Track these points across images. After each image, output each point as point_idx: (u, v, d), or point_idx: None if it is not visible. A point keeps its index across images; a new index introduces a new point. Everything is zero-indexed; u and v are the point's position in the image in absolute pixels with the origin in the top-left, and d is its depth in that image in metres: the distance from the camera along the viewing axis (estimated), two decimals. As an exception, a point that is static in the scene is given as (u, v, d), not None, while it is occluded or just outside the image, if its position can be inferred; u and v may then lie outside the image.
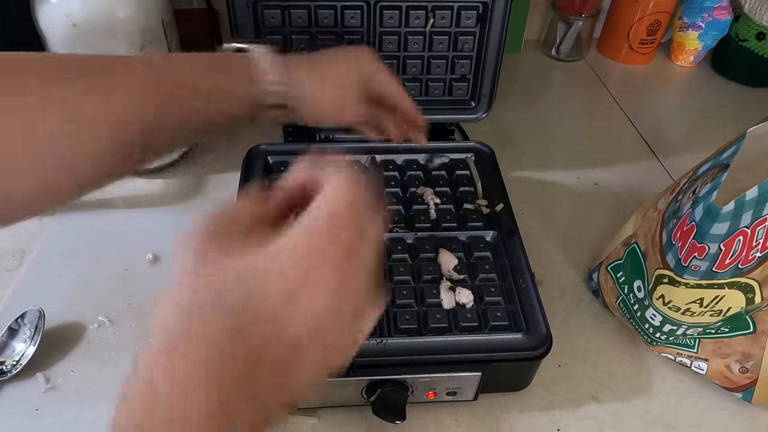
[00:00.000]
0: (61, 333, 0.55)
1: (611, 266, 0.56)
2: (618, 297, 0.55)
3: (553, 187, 0.74)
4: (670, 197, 0.50)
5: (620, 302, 0.55)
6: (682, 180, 0.50)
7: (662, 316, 0.50)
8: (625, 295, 0.54)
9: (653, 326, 0.51)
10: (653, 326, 0.51)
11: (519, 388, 0.53)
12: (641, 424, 0.52)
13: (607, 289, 0.57)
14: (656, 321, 0.51)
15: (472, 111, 0.69)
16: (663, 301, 0.48)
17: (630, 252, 0.53)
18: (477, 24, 0.63)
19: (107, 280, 0.60)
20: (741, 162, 0.42)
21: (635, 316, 0.53)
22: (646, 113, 0.88)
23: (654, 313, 0.50)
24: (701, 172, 0.47)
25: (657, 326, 0.51)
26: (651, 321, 0.51)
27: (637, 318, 0.53)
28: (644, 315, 0.52)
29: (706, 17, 0.92)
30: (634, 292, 0.52)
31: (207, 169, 0.74)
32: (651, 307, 0.50)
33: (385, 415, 0.46)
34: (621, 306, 0.55)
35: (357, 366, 0.47)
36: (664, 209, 0.50)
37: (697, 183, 0.46)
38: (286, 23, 0.61)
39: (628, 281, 0.53)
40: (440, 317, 0.50)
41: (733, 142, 0.44)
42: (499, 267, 0.55)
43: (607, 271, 0.56)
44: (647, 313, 0.51)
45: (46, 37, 0.60)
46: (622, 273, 0.54)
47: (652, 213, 0.52)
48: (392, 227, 0.58)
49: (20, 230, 0.65)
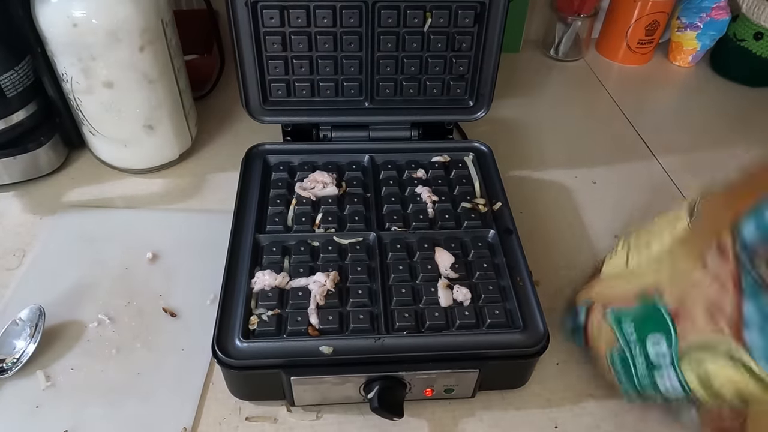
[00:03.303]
0: (61, 331, 0.55)
1: (613, 313, 0.49)
2: (613, 347, 0.49)
3: (552, 187, 0.75)
4: (725, 262, 0.41)
5: (614, 353, 0.49)
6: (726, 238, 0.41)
7: (681, 384, 0.44)
8: (630, 349, 0.47)
9: (655, 387, 0.46)
10: (655, 387, 0.46)
11: (517, 386, 0.53)
12: (640, 422, 0.52)
13: (600, 336, 0.50)
14: (667, 385, 0.45)
15: (471, 110, 0.69)
16: (697, 376, 0.43)
17: (649, 304, 0.46)
18: (475, 24, 0.63)
19: (107, 278, 0.60)
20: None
21: (631, 372, 0.48)
22: (644, 113, 0.88)
23: (671, 376, 0.45)
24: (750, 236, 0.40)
25: (660, 388, 0.46)
26: (658, 383, 0.46)
27: (635, 374, 0.47)
28: (651, 373, 0.46)
29: (704, 17, 0.92)
30: (645, 346, 0.46)
31: (207, 168, 0.74)
32: (672, 369, 0.44)
33: (383, 412, 0.47)
34: (614, 357, 0.49)
35: (355, 363, 0.48)
36: (732, 274, 0.40)
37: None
38: (285, 23, 0.62)
39: (639, 335, 0.47)
40: (438, 315, 0.51)
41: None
42: (497, 265, 0.56)
43: (604, 316, 0.50)
44: (658, 373, 0.45)
45: (46, 37, 0.61)
46: (631, 324, 0.47)
47: (695, 270, 0.43)
48: (390, 226, 0.59)
49: (21, 229, 0.65)
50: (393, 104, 0.69)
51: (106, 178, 0.72)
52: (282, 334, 0.49)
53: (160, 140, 0.70)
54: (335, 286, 0.53)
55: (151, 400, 0.51)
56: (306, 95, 0.67)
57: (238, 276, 0.53)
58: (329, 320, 0.50)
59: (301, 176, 0.64)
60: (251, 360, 0.47)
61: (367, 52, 0.64)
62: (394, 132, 0.70)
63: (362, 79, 0.66)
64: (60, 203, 0.69)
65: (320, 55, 0.64)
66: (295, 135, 0.70)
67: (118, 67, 0.62)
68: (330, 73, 0.66)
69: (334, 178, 0.63)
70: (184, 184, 0.72)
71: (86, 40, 0.59)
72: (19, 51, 0.64)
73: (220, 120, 0.82)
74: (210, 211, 0.68)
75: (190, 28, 0.77)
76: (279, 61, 0.64)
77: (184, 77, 0.71)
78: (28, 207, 0.68)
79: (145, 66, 0.63)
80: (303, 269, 0.54)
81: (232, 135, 0.79)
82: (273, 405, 0.51)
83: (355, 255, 0.55)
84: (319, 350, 0.48)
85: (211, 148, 0.78)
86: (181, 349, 0.55)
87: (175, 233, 0.65)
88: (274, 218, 0.59)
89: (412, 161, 0.66)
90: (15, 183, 0.69)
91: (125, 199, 0.70)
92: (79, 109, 0.67)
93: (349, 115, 0.69)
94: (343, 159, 0.66)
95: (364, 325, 0.50)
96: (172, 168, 0.74)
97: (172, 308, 0.58)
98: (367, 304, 0.52)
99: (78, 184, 0.71)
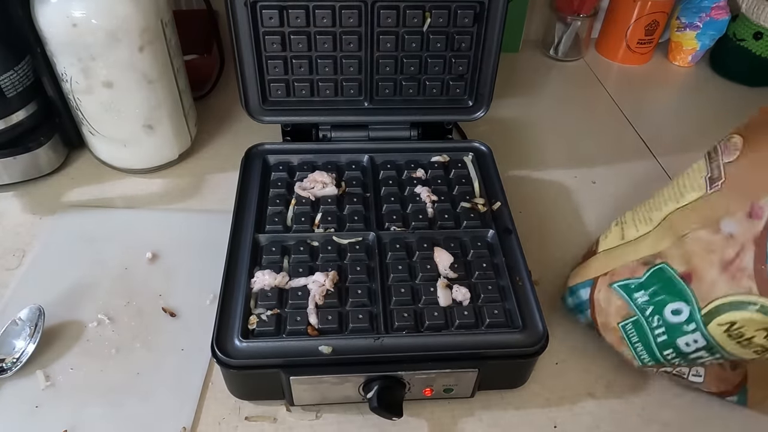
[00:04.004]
0: (61, 331, 0.55)
1: (620, 285, 0.51)
2: (627, 318, 0.50)
3: (551, 186, 0.75)
4: (747, 219, 0.43)
5: (628, 324, 0.50)
6: (761, 200, 0.43)
7: (711, 343, 0.45)
8: (645, 318, 0.49)
9: (677, 350, 0.47)
10: (677, 350, 0.47)
11: (516, 386, 0.53)
12: (638, 421, 0.52)
13: (609, 309, 0.52)
14: (691, 347, 0.46)
15: (470, 110, 0.70)
16: (728, 329, 0.44)
17: (657, 273, 0.48)
18: (474, 23, 0.63)
19: (107, 278, 0.60)
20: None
21: (650, 339, 0.49)
22: (644, 113, 0.88)
23: (696, 339, 0.46)
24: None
25: (683, 352, 0.47)
26: (681, 347, 0.47)
27: (654, 342, 0.49)
28: (672, 341, 0.47)
29: (703, 17, 0.92)
30: (663, 315, 0.48)
31: (206, 168, 0.74)
32: (698, 332, 0.45)
33: (383, 411, 0.47)
34: (627, 327, 0.51)
35: (355, 363, 0.48)
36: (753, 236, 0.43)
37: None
38: (284, 23, 0.62)
39: (655, 303, 0.48)
40: (437, 315, 0.51)
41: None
42: (496, 265, 0.56)
43: (612, 289, 0.51)
44: (681, 339, 0.47)
45: (46, 37, 0.61)
46: (643, 293, 0.49)
47: (705, 234, 0.46)
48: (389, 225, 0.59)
49: (20, 229, 0.65)
50: (392, 104, 0.69)
51: (105, 178, 0.72)
52: (281, 334, 0.49)
53: (160, 140, 0.70)
54: (334, 285, 0.53)
55: (151, 400, 0.51)
56: (305, 95, 0.67)
57: (238, 276, 0.53)
58: (328, 320, 0.50)
59: (300, 176, 0.64)
60: (250, 360, 0.47)
61: (366, 52, 0.64)
62: (394, 132, 0.70)
63: (362, 79, 0.66)
64: (60, 203, 0.69)
65: (320, 55, 0.64)
66: (295, 135, 0.70)
67: (117, 67, 0.62)
68: (329, 73, 0.66)
69: (334, 178, 0.63)
70: (183, 184, 0.72)
71: (86, 40, 0.59)
72: (19, 51, 0.64)
73: (219, 120, 0.82)
74: (209, 211, 0.68)
75: (189, 28, 0.77)
76: (278, 61, 0.64)
77: (184, 77, 0.71)
78: (27, 207, 0.68)
79: (145, 66, 0.63)
80: (302, 269, 0.54)
81: (231, 135, 0.79)
82: (272, 405, 0.51)
83: (354, 255, 0.56)
84: (319, 350, 0.48)
85: (211, 148, 0.78)
86: (180, 348, 0.55)
87: (174, 233, 0.65)
88: (274, 218, 0.59)
89: (411, 161, 0.66)
90: (15, 183, 0.69)
91: (125, 199, 0.70)
92: (79, 109, 0.67)
93: (349, 115, 0.69)
94: (343, 159, 0.66)
95: (363, 324, 0.50)
96: (172, 168, 0.74)
97: (172, 308, 0.58)
98: (367, 303, 0.52)
99: (78, 184, 0.71)
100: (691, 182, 0.49)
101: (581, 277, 0.55)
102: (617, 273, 0.52)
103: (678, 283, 0.47)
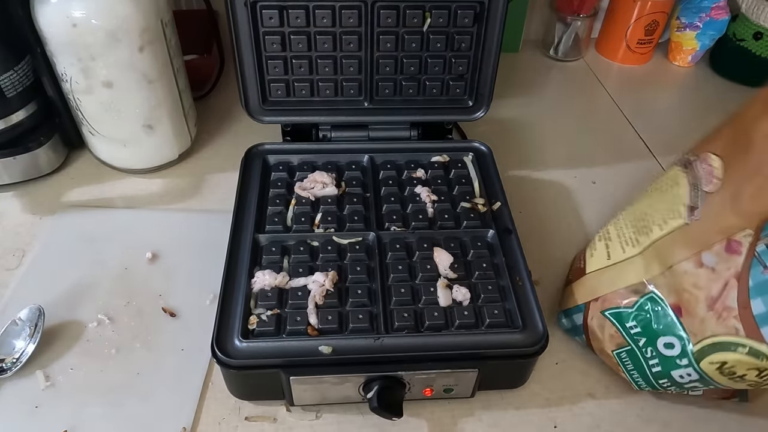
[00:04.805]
0: (61, 331, 0.55)
1: (611, 313, 0.50)
2: (621, 347, 0.50)
3: (551, 186, 0.75)
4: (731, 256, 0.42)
5: (622, 352, 0.50)
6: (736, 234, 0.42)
7: (705, 378, 0.44)
8: (639, 348, 0.48)
9: (673, 381, 0.47)
10: (673, 381, 0.47)
11: (516, 386, 0.53)
12: (638, 421, 0.52)
13: (603, 336, 0.51)
14: (685, 380, 0.46)
15: (470, 110, 0.69)
16: (720, 368, 0.43)
17: (647, 302, 0.47)
18: (474, 23, 0.63)
19: (107, 278, 0.60)
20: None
21: (645, 369, 0.48)
22: (644, 113, 0.88)
23: (690, 373, 0.45)
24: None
25: (679, 383, 0.47)
26: (676, 379, 0.46)
27: (649, 372, 0.48)
28: (667, 372, 0.47)
29: (703, 17, 0.92)
30: (657, 347, 0.47)
31: (206, 168, 0.74)
32: (691, 367, 0.45)
33: (383, 411, 0.47)
34: (621, 355, 0.50)
35: (355, 363, 0.48)
36: (734, 272, 0.41)
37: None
38: (284, 23, 0.62)
39: (648, 336, 0.47)
40: (437, 315, 0.51)
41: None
42: (496, 265, 0.56)
43: (604, 316, 0.51)
44: (675, 372, 0.46)
45: (46, 37, 0.61)
46: (635, 324, 0.48)
47: (690, 267, 0.44)
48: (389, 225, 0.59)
49: (20, 229, 0.65)
50: (392, 104, 0.69)
51: (105, 178, 0.72)
52: (281, 334, 0.49)
53: (160, 140, 0.70)
54: (334, 285, 0.53)
55: (151, 400, 0.51)
56: (305, 95, 0.67)
57: (238, 276, 0.53)
58: (328, 320, 0.50)
59: (300, 176, 0.64)
60: (250, 360, 0.47)
61: (366, 52, 0.64)
62: (394, 132, 0.70)
63: (361, 79, 0.66)
64: (60, 203, 0.69)
65: (319, 55, 0.64)
66: (295, 135, 0.70)
67: (117, 67, 0.62)
68: (329, 73, 0.66)
69: (334, 178, 0.63)
70: (183, 184, 0.72)
71: (86, 40, 0.59)
72: (19, 51, 0.64)
73: (219, 120, 0.82)
74: (209, 211, 0.68)
75: (189, 28, 0.77)
76: (278, 61, 0.64)
77: (184, 77, 0.71)
78: (27, 207, 0.68)
79: (145, 66, 0.63)
80: (302, 269, 0.54)
81: (231, 135, 0.79)
82: (272, 405, 0.51)
83: (354, 255, 0.56)
84: (319, 350, 0.48)
85: (211, 148, 0.78)
86: (180, 348, 0.55)
87: (174, 233, 0.65)
88: (274, 218, 0.59)
89: (411, 161, 0.66)
90: (15, 183, 0.69)
91: (125, 199, 0.70)
92: (79, 109, 0.67)
93: (349, 115, 0.69)
94: (343, 159, 0.66)
95: (363, 324, 0.50)
96: (172, 168, 0.74)
97: (172, 308, 0.58)
98: (367, 303, 0.52)
99: (77, 184, 0.71)
100: (673, 206, 0.47)
101: (572, 302, 0.55)
102: (608, 299, 0.51)
103: (669, 315, 0.46)
